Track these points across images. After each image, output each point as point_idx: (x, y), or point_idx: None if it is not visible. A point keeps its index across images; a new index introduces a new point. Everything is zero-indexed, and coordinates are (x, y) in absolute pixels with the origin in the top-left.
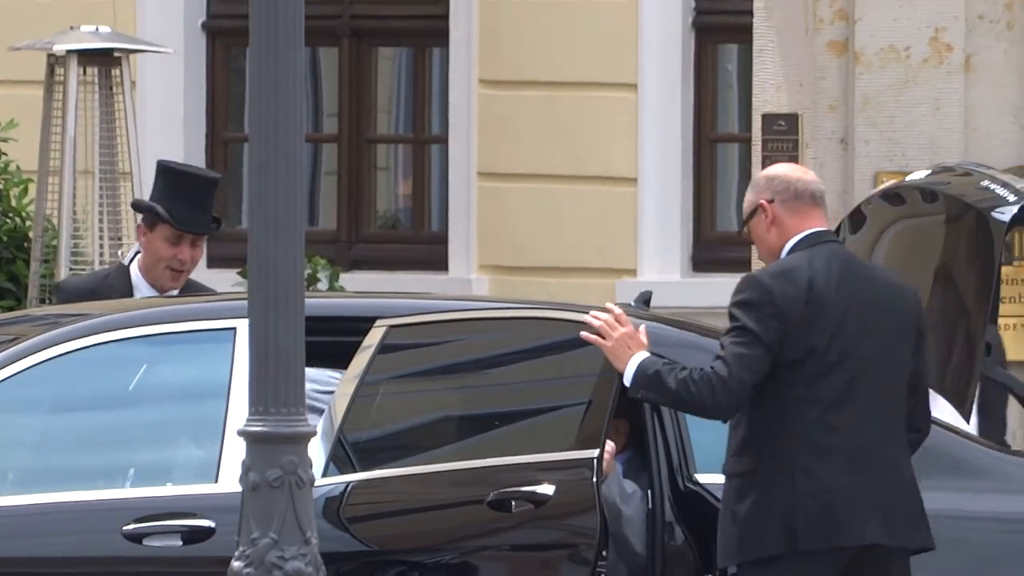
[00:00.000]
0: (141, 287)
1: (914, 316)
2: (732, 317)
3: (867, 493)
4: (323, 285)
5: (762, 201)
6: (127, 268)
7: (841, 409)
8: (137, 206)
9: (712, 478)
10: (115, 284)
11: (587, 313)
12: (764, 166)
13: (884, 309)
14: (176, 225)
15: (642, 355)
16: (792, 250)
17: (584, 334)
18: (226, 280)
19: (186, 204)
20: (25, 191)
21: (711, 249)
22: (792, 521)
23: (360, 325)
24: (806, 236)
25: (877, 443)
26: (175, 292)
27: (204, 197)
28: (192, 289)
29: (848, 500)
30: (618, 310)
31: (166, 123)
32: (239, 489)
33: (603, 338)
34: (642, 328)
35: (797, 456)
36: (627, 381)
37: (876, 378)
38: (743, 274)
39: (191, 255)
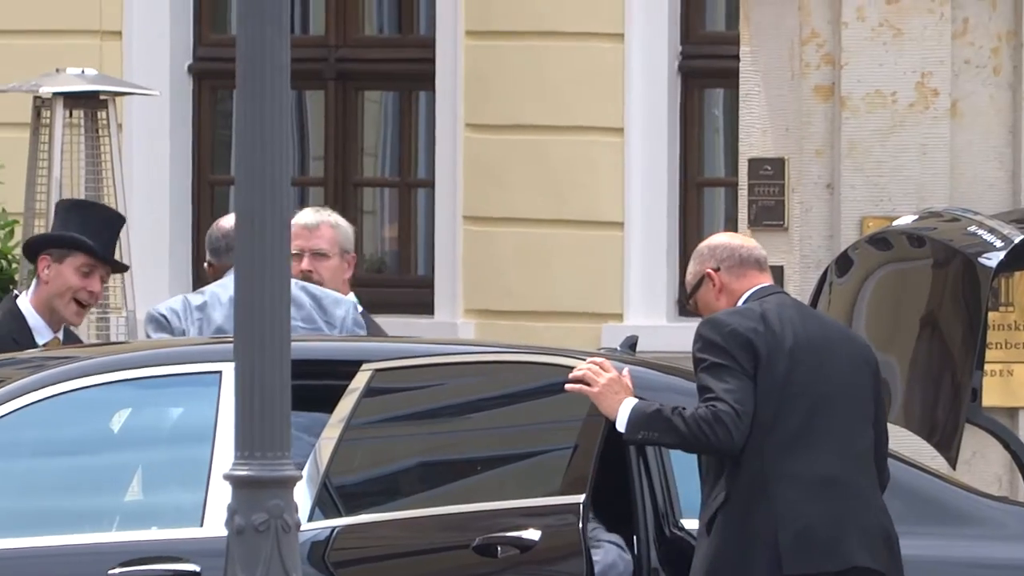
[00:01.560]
0: (39, 328)
1: (867, 361)
2: (702, 361)
3: (844, 516)
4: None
5: (708, 270)
6: (18, 309)
7: (808, 438)
8: (46, 239)
9: (697, 524)
10: (14, 327)
11: (573, 357)
12: (750, 210)
13: (837, 349)
14: (97, 253)
15: (632, 400)
16: (745, 303)
17: (568, 385)
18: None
19: (101, 236)
20: (11, 233)
21: None
22: (774, 547)
23: (346, 369)
24: (755, 291)
25: (845, 471)
26: (60, 336)
27: (116, 232)
28: (71, 338)
29: (827, 523)
30: (600, 359)
31: (152, 165)
32: (225, 533)
33: (588, 385)
34: (625, 371)
35: (769, 483)
36: (620, 426)
37: (836, 411)
38: None
39: (99, 289)
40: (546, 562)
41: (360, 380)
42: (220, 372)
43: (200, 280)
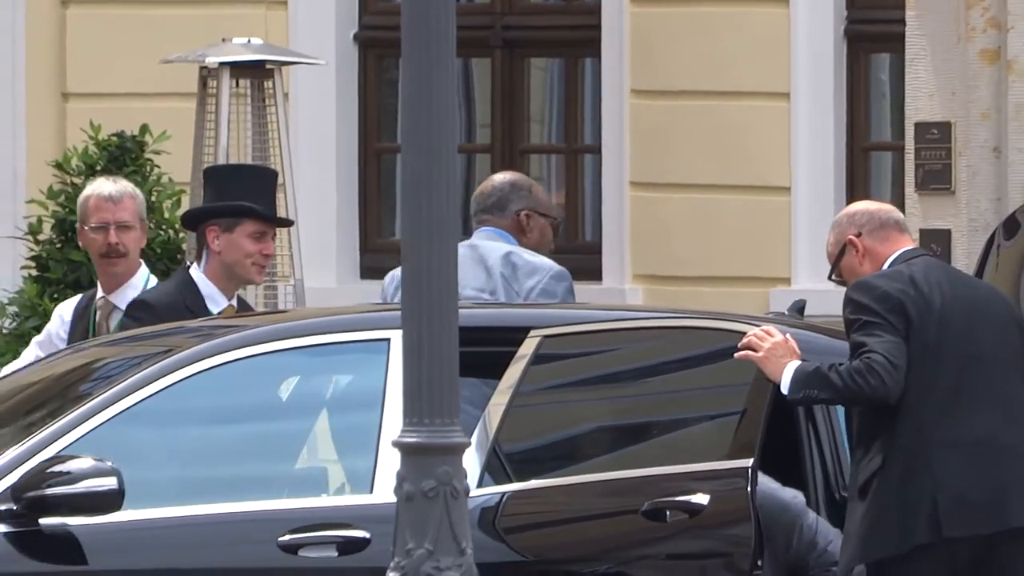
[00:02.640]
0: (213, 296)
1: (1017, 319)
2: (854, 323)
3: (1004, 478)
4: None
5: (850, 237)
6: (191, 279)
7: (963, 400)
8: (209, 211)
9: None
10: (188, 297)
11: (740, 322)
12: (917, 174)
13: (986, 310)
14: (266, 217)
15: (796, 362)
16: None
17: (737, 353)
18: (380, 291)
19: (263, 198)
20: (178, 203)
21: None
22: (933, 511)
23: (515, 335)
24: (900, 254)
25: (1004, 432)
26: (234, 303)
27: (273, 189)
28: (244, 307)
29: (986, 486)
30: (767, 325)
31: (318, 134)
32: (394, 500)
33: (755, 351)
34: (788, 336)
35: (926, 447)
36: (784, 387)
37: (990, 372)
38: None
39: (273, 249)
40: (715, 526)
41: (528, 347)
42: (389, 339)
43: (369, 248)
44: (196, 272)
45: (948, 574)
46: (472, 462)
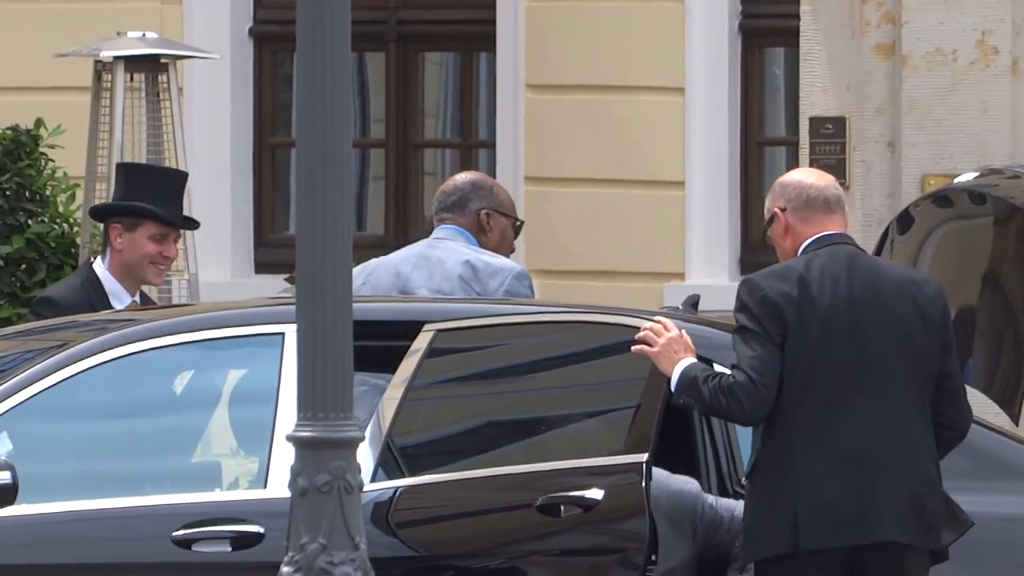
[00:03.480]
0: (117, 292)
1: (932, 311)
2: (736, 322)
3: (868, 490)
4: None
5: (776, 209)
6: (95, 275)
7: (837, 408)
8: (116, 207)
9: None
10: (92, 294)
11: (635, 317)
12: None
13: (891, 305)
14: (168, 221)
15: (687, 361)
16: (803, 254)
17: (634, 348)
18: (274, 286)
19: (168, 200)
20: (73, 197)
21: (759, 252)
22: (793, 521)
23: (408, 330)
24: (813, 241)
25: (875, 442)
26: (137, 299)
27: (181, 192)
28: (147, 302)
29: (849, 497)
30: (663, 319)
31: (213, 129)
32: (288, 494)
33: (650, 345)
34: (683, 332)
35: (794, 455)
36: (672, 387)
37: (872, 378)
38: None
39: (175, 251)
40: (609, 521)
41: (422, 341)
42: (283, 334)
43: (263, 242)
44: (100, 268)
45: None
46: (366, 456)
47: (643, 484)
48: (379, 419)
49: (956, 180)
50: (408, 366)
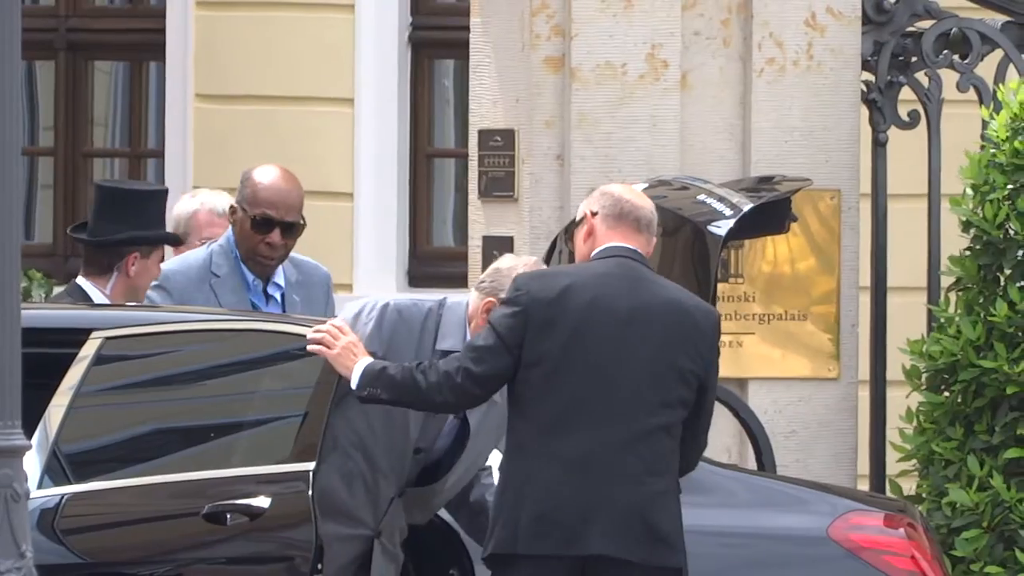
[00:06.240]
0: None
1: (701, 342)
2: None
3: (592, 502)
4: (38, 299)
5: (588, 212)
6: (87, 296)
7: (573, 418)
8: (143, 238)
9: None
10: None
11: (301, 325)
12: (480, 182)
13: (657, 327)
14: (179, 242)
15: (367, 359)
16: (592, 260)
17: (310, 347)
18: None
19: (157, 221)
20: None
21: (428, 264)
22: (515, 524)
23: (76, 337)
24: (607, 248)
25: (608, 455)
26: None
27: (163, 209)
28: None
29: (571, 508)
30: (340, 322)
31: None
32: None
33: (328, 348)
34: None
35: (525, 459)
36: (353, 384)
37: (613, 391)
38: (459, 289)
39: None
40: (275, 529)
41: (89, 348)
42: None
43: None
44: (90, 288)
45: None
46: (32, 463)
47: (309, 492)
48: (46, 426)
49: None
50: (75, 373)
